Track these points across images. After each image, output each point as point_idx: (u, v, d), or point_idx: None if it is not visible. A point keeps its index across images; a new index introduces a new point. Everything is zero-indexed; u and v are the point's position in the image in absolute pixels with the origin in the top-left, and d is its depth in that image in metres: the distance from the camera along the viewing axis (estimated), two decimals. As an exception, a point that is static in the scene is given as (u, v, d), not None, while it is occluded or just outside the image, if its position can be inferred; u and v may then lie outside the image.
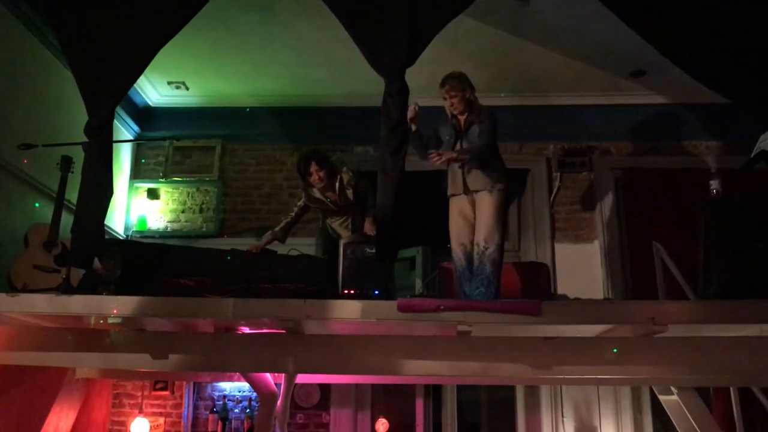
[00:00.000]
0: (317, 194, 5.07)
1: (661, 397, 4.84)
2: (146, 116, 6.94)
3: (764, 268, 3.70)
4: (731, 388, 5.14)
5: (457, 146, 4.37)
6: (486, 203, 4.24)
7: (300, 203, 5.14)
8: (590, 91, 6.56)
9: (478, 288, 4.12)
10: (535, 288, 4.55)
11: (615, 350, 3.61)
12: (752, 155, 4.42)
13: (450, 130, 4.45)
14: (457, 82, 4.37)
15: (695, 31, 3.76)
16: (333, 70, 6.27)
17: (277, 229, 5.01)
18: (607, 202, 6.54)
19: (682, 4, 3.77)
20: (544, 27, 5.58)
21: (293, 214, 5.13)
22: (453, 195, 4.43)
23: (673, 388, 4.60)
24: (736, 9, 3.74)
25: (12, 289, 4.18)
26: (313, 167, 4.94)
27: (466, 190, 4.34)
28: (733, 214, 3.94)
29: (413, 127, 4.28)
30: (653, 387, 5.09)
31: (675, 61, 3.84)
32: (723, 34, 3.74)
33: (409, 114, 4.13)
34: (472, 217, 4.34)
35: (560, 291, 5.92)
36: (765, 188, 4.80)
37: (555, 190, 6.58)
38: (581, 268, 6.30)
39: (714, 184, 4.25)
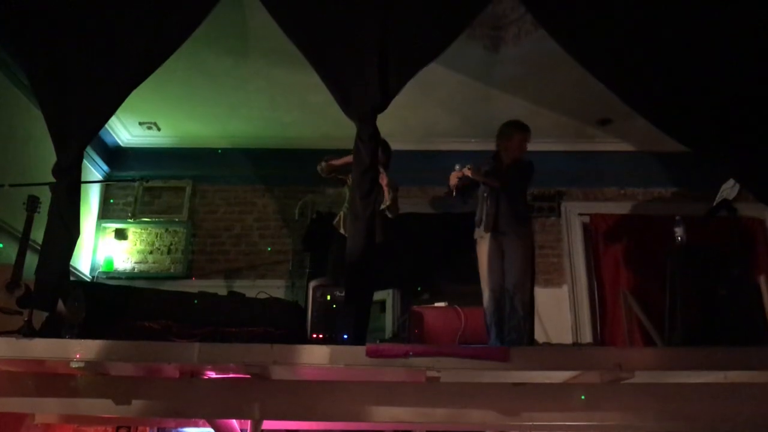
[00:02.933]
0: None
1: (629, 444, 4.83)
2: (116, 156, 6.91)
3: (728, 316, 3.76)
4: (698, 434, 5.15)
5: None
6: (515, 248, 4.28)
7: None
8: (558, 138, 6.69)
9: (510, 335, 4.15)
10: (504, 333, 4.56)
11: (582, 396, 3.62)
12: (715, 203, 4.52)
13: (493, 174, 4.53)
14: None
15: (658, 82, 3.86)
16: (305, 114, 6.32)
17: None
18: (576, 247, 6.62)
19: (646, 55, 3.89)
20: (512, 75, 5.71)
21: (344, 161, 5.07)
22: (481, 235, 4.46)
23: (640, 435, 4.60)
24: (697, 62, 3.86)
25: (-29, 331, 4.07)
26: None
27: (495, 230, 4.37)
28: (698, 262, 4.00)
29: (454, 193, 4.47)
30: (621, 433, 5.08)
31: (639, 111, 3.93)
32: (685, 85, 3.84)
33: (452, 181, 4.38)
34: (500, 260, 4.36)
35: (529, 336, 5.93)
36: (727, 236, 4.89)
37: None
38: (550, 312, 6.32)
39: (679, 231, 4.32)
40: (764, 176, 3.68)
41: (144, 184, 6.72)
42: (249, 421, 4.95)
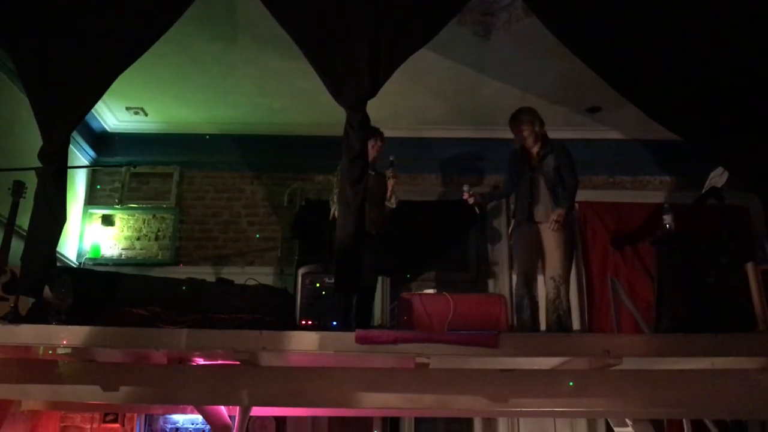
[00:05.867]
0: None
1: (616, 429, 4.87)
2: (103, 141, 6.84)
3: (715, 303, 3.78)
4: (684, 420, 5.20)
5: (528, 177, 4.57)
6: (555, 237, 4.36)
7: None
8: (547, 126, 6.60)
9: (557, 324, 4.27)
10: (492, 320, 4.56)
11: (571, 383, 3.64)
12: (703, 191, 4.54)
13: (518, 164, 4.63)
14: (527, 116, 4.58)
15: (648, 69, 3.86)
16: (295, 100, 6.28)
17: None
18: (564, 234, 6.61)
19: (636, 43, 3.88)
20: (502, 63, 5.69)
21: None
22: (519, 223, 4.54)
23: (628, 420, 4.63)
24: (687, 51, 3.86)
25: (-43, 317, 4.03)
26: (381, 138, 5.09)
27: (531, 220, 4.46)
28: (686, 250, 4.01)
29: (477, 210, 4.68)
30: (608, 419, 5.12)
31: (629, 98, 3.93)
32: (675, 73, 3.84)
33: (469, 200, 4.56)
34: (539, 248, 4.44)
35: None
36: (716, 223, 4.92)
37: (513, 222, 6.64)
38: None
39: (667, 219, 4.33)
40: (752, 164, 3.70)
41: (131, 169, 6.66)
42: (237, 408, 4.97)
